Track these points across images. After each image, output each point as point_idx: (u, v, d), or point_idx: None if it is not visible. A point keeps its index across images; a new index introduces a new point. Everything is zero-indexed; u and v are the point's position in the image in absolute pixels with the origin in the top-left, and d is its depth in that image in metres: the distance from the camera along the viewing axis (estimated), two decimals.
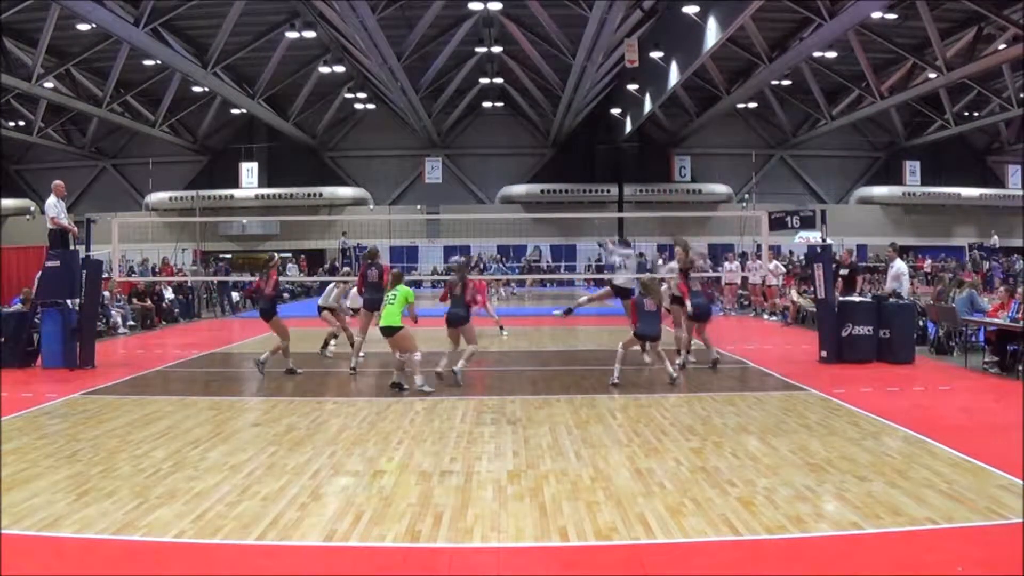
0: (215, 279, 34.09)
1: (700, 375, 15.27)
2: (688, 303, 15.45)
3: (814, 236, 28.20)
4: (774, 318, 26.34)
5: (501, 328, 22.08)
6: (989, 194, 56.35)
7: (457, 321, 14.32)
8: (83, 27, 32.39)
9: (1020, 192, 55.16)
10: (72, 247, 16.98)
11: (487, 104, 53.16)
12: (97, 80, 41.43)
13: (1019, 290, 15.70)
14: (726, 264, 29.92)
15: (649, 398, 12.51)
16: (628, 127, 50.62)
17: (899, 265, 18.56)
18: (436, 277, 43.62)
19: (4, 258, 23.90)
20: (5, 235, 49.17)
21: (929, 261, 44.10)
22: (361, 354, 15.89)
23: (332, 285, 18.45)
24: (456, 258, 24.70)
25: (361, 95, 50.04)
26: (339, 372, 15.66)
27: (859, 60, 37.41)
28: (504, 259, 50.47)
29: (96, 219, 18.83)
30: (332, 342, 18.15)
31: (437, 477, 8.24)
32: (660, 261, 28.61)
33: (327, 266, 48.72)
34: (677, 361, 15.20)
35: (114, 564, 6.14)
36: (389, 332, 13.15)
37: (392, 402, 12.38)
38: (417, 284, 46.96)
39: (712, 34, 30.50)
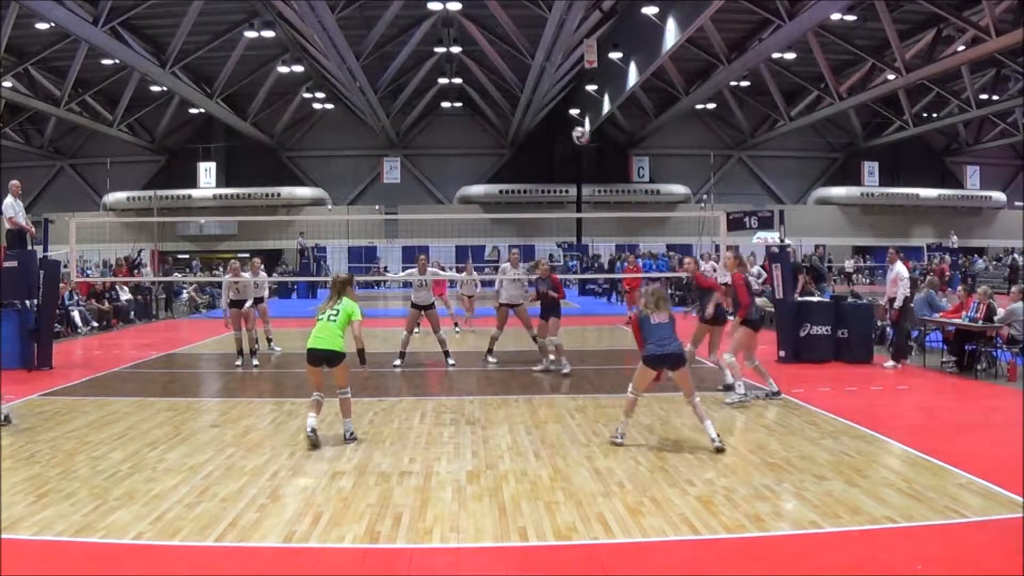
0: (167, 279, 33.70)
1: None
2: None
3: (772, 236, 28.28)
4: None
5: (456, 326, 23.05)
6: (947, 195, 57.08)
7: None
8: (42, 26, 32.14)
9: (979, 192, 55.87)
10: (30, 247, 16.83)
11: (446, 104, 53.24)
12: (55, 79, 41.00)
13: (978, 290, 15.77)
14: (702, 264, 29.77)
15: (608, 398, 12.50)
16: (587, 128, 50.61)
17: (899, 268, 16.18)
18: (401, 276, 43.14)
19: None
20: None
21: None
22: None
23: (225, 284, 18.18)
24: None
25: (320, 95, 49.94)
26: (296, 373, 15.57)
27: (818, 61, 37.71)
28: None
29: (53, 219, 18.71)
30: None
31: (396, 478, 8.23)
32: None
33: (286, 268, 48.39)
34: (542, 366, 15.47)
35: (73, 566, 6.09)
36: (327, 359, 9.73)
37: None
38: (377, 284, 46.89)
39: (671, 35, 30.61)
